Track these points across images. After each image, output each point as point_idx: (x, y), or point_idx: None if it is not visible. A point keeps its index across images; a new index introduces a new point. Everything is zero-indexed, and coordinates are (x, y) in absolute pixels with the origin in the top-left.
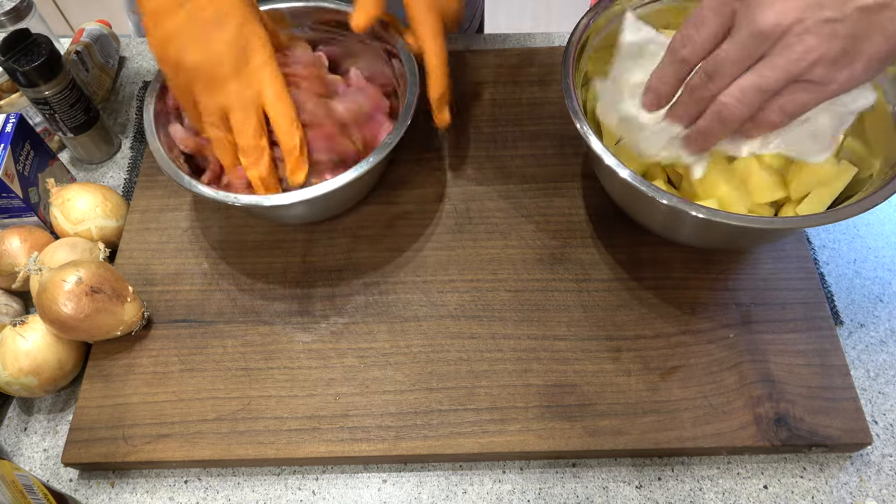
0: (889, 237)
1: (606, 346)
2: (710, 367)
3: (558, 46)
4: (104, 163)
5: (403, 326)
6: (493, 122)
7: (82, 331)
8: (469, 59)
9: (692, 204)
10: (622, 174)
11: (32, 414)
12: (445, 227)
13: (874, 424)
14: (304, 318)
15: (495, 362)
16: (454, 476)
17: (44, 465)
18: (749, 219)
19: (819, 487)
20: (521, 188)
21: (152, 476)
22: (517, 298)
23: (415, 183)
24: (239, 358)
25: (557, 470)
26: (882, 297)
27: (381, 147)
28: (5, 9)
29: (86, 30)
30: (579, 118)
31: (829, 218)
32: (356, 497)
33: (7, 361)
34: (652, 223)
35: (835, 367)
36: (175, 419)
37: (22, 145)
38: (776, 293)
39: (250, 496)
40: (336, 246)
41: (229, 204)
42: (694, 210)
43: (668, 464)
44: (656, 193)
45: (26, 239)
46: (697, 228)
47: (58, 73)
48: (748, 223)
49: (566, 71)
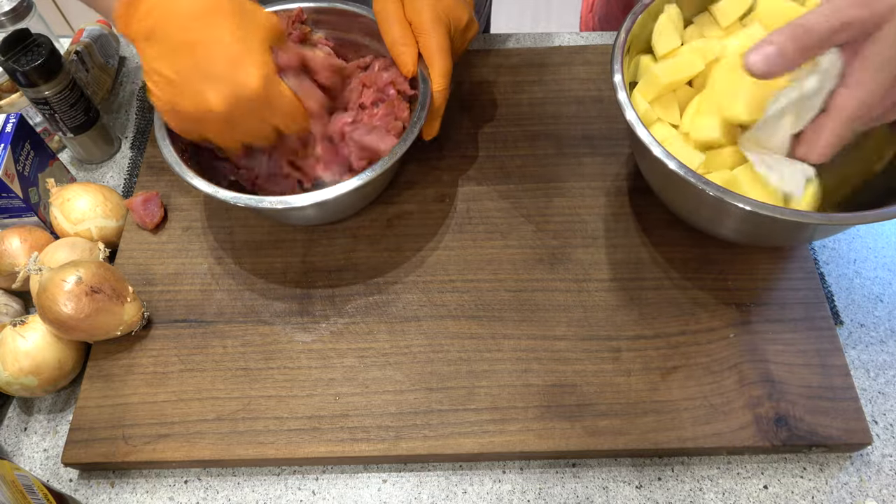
0: (889, 237)
1: (606, 346)
2: (710, 367)
3: (558, 46)
4: (104, 163)
5: (403, 326)
6: (493, 122)
7: (82, 331)
8: (469, 59)
9: (740, 196)
10: (670, 165)
11: (32, 414)
12: (445, 227)
13: (874, 424)
14: (304, 318)
15: (495, 362)
16: (454, 476)
17: (44, 465)
18: (803, 214)
19: (819, 487)
20: (521, 188)
21: (152, 476)
22: (517, 298)
23: (415, 183)
24: (239, 358)
25: (557, 470)
26: (882, 297)
27: (391, 154)
28: (5, 9)
29: (86, 30)
30: (628, 109)
31: (881, 216)
32: (356, 497)
33: (7, 361)
34: (697, 217)
35: (835, 367)
36: (175, 419)
37: (22, 145)
38: (776, 293)
39: (250, 496)
40: (336, 246)
41: (241, 206)
42: (741, 202)
43: (668, 464)
44: (706, 185)
45: (26, 239)
46: (744, 222)
47: (58, 73)
48: (801, 218)
49: (613, 67)
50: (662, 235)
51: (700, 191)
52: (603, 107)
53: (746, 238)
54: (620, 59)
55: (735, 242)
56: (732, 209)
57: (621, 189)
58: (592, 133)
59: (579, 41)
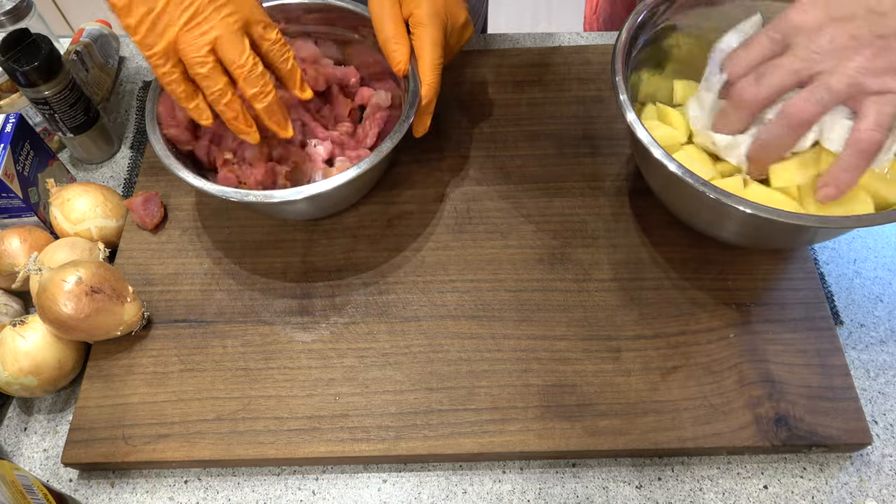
0: (889, 237)
1: (606, 346)
2: (710, 367)
3: (558, 46)
4: (104, 163)
5: (403, 326)
6: (493, 122)
7: (82, 331)
8: (469, 59)
9: (740, 199)
10: (670, 167)
11: (32, 414)
12: (445, 227)
13: (874, 424)
14: (304, 318)
15: (495, 362)
16: (454, 476)
17: (44, 465)
18: (802, 217)
19: (819, 487)
20: (521, 188)
21: (152, 476)
22: (517, 298)
23: (415, 183)
24: (239, 358)
25: (557, 470)
26: (882, 297)
27: (383, 145)
28: (5, 9)
29: (86, 30)
30: (628, 110)
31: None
32: (356, 497)
33: (7, 361)
34: (698, 220)
35: (835, 367)
36: (175, 419)
37: (22, 145)
38: (776, 293)
39: (250, 496)
40: (336, 246)
41: (233, 201)
42: (742, 205)
43: (668, 464)
44: (706, 188)
45: (26, 239)
46: (744, 225)
47: (58, 73)
48: (800, 221)
49: (615, 67)
50: (662, 235)
51: (700, 193)
52: (603, 107)
53: (746, 240)
54: (622, 59)
55: (735, 245)
56: (732, 212)
57: (621, 189)
58: (592, 133)
59: (579, 41)
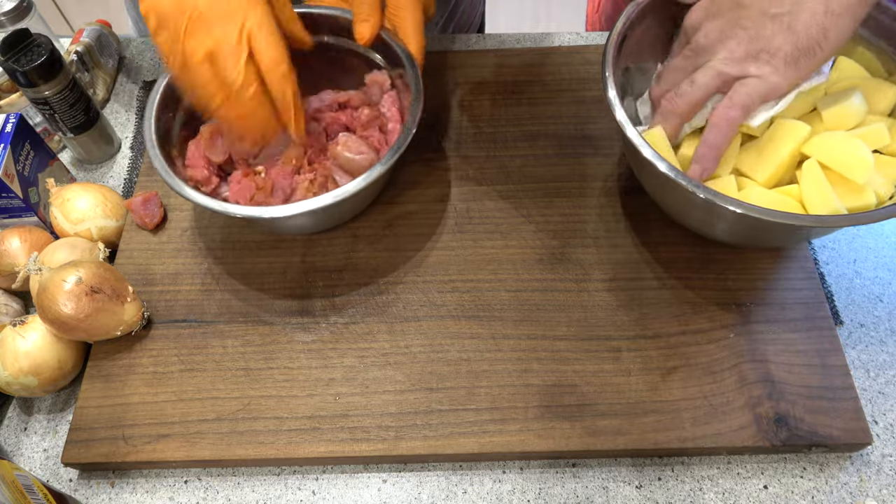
0: (889, 237)
1: (606, 346)
2: (710, 367)
3: (558, 46)
4: (104, 163)
5: (403, 326)
6: (493, 122)
7: (82, 331)
8: (469, 59)
9: (729, 198)
10: (660, 167)
11: (32, 414)
12: (445, 227)
13: (874, 424)
14: (304, 318)
15: (495, 362)
16: (454, 476)
17: (44, 465)
18: (793, 216)
19: (819, 487)
20: (521, 188)
21: (152, 476)
22: (517, 298)
23: (415, 183)
24: (239, 358)
25: (557, 470)
26: (882, 297)
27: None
28: (5, 9)
29: (86, 30)
30: (617, 108)
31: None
32: (356, 497)
33: (7, 361)
34: (689, 219)
35: (835, 367)
36: (175, 419)
37: (22, 145)
38: (776, 293)
39: (250, 496)
40: (336, 246)
41: (228, 215)
42: (731, 205)
43: (668, 464)
44: (696, 188)
45: (26, 239)
46: (735, 224)
47: (58, 73)
48: (791, 220)
49: (605, 64)
50: (662, 235)
51: (690, 193)
52: (603, 107)
53: (739, 239)
54: (612, 57)
55: (729, 244)
56: (722, 211)
57: (622, 189)
58: (592, 133)
59: (579, 41)
